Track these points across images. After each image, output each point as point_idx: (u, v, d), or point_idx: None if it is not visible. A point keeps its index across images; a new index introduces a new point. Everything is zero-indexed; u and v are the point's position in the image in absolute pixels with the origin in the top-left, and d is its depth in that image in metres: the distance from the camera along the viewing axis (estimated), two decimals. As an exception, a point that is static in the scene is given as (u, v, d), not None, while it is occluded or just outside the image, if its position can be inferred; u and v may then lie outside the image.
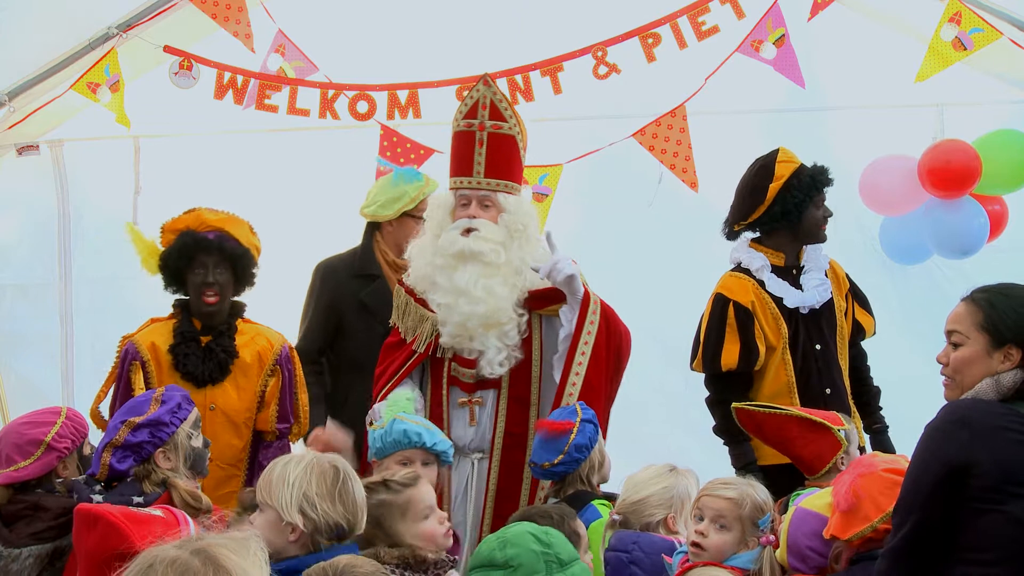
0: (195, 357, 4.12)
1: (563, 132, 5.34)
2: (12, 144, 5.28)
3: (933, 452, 2.60)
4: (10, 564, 3.21)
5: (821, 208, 4.35)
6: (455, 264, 3.88)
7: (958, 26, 4.74)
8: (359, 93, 5.11)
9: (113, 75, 4.97)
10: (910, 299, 5.10)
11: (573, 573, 2.57)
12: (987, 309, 2.71)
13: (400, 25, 5.26)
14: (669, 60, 5.01)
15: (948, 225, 4.82)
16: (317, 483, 2.65)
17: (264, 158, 5.33)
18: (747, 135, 5.31)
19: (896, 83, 5.07)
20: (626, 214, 5.40)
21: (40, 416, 3.51)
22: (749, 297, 4.30)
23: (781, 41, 4.90)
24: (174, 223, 4.20)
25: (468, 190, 3.94)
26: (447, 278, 3.89)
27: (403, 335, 4.04)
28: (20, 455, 3.37)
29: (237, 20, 5.02)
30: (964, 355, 2.73)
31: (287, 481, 2.65)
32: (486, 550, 2.53)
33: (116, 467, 3.28)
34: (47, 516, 3.30)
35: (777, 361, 4.30)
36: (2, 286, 5.30)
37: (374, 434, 3.61)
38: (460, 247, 3.86)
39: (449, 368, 3.97)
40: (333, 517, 2.63)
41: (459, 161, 3.98)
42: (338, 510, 2.64)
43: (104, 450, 3.29)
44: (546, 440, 3.60)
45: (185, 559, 1.76)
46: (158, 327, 4.21)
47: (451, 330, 3.89)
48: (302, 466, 2.69)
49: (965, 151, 4.74)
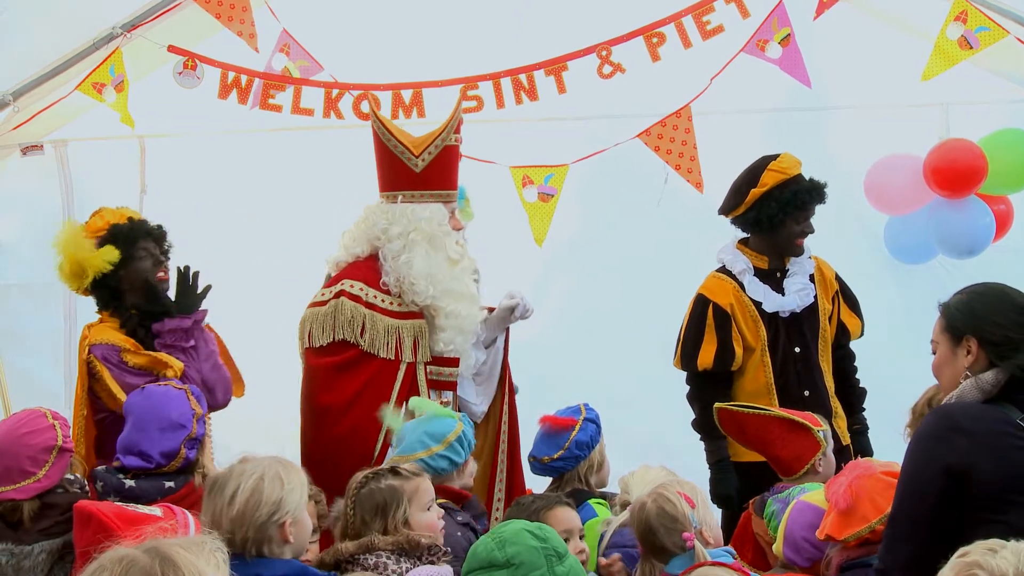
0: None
1: (568, 132, 5.35)
2: (17, 144, 5.28)
3: (930, 460, 2.57)
4: (22, 561, 3.23)
5: (802, 224, 4.36)
6: (466, 275, 4.07)
7: (964, 24, 4.72)
8: (363, 93, 5.11)
9: (118, 75, 4.97)
10: (913, 299, 5.07)
11: (571, 564, 2.59)
12: (945, 312, 2.78)
13: (404, 25, 5.26)
14: (674, 60, 5.00)
15: (953, 225, 4.81)
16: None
17: (268, 158, 5.33)
18: (752, 135, 5.31)
19: (902, 82, 5.06)
20: (631, 214, 5.40)
21: (30, 424, 3.42)
22: (728, 299, 4.38)
23: (787, 41, 4.89)
24: (89, 226, 4.13)
25: (453, 203, 4.15)
26: (464, 287, 4.04)
27: (368, 349, 3.98)
28: (34, 465, 3.34)
29: (241, 20, 5.01)
30: (936, 360, 2.79)
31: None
32: (484, 551, 2.54)
33: (190, 457, 3.46)
34: (54, 512, 3.32)
35: (756, 362, 4.36)
36: (7, 285, 5.30)
37: (433, 456, 3.51)
38: (469, 260, 4.11)
39: (427, 372, 4.02)
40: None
41: (448, 175, 4.15)
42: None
43: (181, 444, 3.44)
44: (548, 435, 3.62)
45: (134, 555, 1.78)
46: (103, 328, 4.11)
47: (452, 335, 3.99)
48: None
49: (970, 150, 4.72)
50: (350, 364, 3.98)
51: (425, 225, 4.03)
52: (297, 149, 5.31)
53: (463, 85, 4.99)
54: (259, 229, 5.34)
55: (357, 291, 4.03)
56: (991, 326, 2.68)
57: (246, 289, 5.27)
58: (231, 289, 4.93)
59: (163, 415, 3.48)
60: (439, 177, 4.09)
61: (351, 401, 3.93)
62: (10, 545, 3.25)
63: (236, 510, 2.59)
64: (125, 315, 4.11)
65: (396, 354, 3.99)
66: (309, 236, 5.14)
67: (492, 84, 5.03)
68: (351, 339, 3.98)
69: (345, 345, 3.98)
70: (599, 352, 5.40)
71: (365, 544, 2.83)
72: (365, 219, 4.16)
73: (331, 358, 3.97)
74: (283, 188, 5.34)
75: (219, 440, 4.41)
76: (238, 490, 2.61)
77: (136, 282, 4.13)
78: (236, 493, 2.61)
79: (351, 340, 3.98)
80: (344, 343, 3.98)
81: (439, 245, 4.03)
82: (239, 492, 2.60)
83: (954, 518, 2.50)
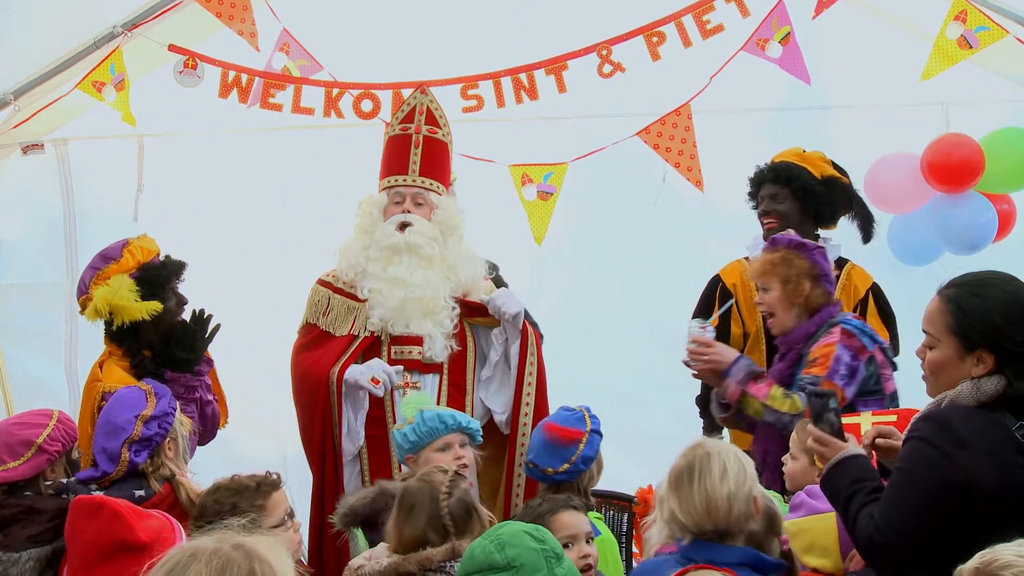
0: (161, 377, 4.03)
1: (567, 131, 5.34)
2: (17, 143, 5.28)
3: (931, 474, 2.50)
4: (10, 568, 3.18)
5: (761, 206, 4.50)
6: (390, 256, 4.10)
7: (964, 24, 4.71)
8: (363, 92, 5.11)
9: (118, 74, 4.97)
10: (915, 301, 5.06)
11: (568, 566, 2.57)
12: (956, 313, 2.58)
13: (404, 24, 5.26)
14: (674, 59, 5.00)
15: (955, 221, 4.81)
16: None
17: (268, 157, 5.33)
18: (752, 134, 5.31)
19: (901, 81, 5.05)
20: (630, 213, 5.40)
21: (32, 418, 3.47)
22: (733, 279, 4.46)
23: (787, 39, 4.89)
24: (123, 265, 4.04)
25: (403, 187, 4.18)
26: (380, 268, 4.10)
27: (326, 328, 4.18)
28: (10, 455, 3.33)
29: (242, 19, 5.02)
30: (937, 359, 2.63)
31: None
32: (482, 554, 2.48)
33: (134, 461, 3.31)
34: (42, 519, 3.28)
35: (754, 346, 4.35)
36: (8, 285, 5.29)
37: (402, 432, 3.65)
38: (395, 240, 4.10)
39: (390, 352, 4.09)
40: None
41: (394, 162, 4.22)
42: None
43: (122, 447, 3.30)
44: (552, 445, 3.57)
45: (227, 551, 1.77)
46: (113, 368, 4.03)
47: (381, 313, 4.08)
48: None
49: (966, 145, 4.72)
50: (312, 343, 4.18)
51: (362, 213, 4.23)
52: (297, 148, 5.30)
53: (463, 84, 4.99)
54: (258, 228, 5.34)
55: (329, 278, 4.28)
56: (1013, 344, 2.53)
57: (245, 288, 5.28)
58: (230, 288, 4.95)
59: (109, 419, 3.38)
60: (385, 166, 4.27)
61: (305, 370, 4.11)
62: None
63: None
64: (138, 356, 4.03)
65: (350, 331, 4.14)
66: (309, 235, 5.15)
67: (492, 83, 5.03)
68: (313, 320, 4.22)
69: (311, 327, 4.22)
70: (598, 350, 5.40)
71: (450, 551, 2.78)
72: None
73: (300, 339, 4.24)
74: (283, 187, 5.34)
75: (221, 435, 4.44)
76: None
77: (163, 325, 4.08)
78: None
79: (313, 321, 4.22)
80: (310, 325, 4.23)
81: (369, 230, 4.17)
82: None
83: (954, 537, 2.43)
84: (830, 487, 2.71)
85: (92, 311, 4.02)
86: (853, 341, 3.82)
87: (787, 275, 3.93)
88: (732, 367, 3.94)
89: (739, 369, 3.94)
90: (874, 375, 3.84)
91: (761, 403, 3.86)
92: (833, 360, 3.79)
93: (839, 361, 3.79)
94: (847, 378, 3.78)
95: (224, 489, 2.96)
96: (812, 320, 3.93)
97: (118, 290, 3.98)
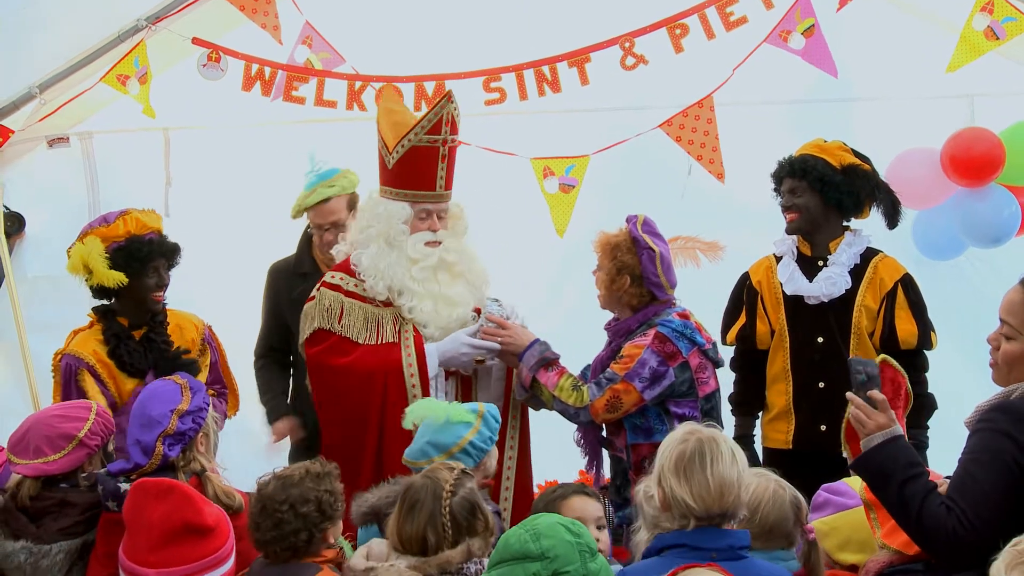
0: (137, 353, 4.10)
1: (590, 123, 5.34)
2: (43, 136, 5.33)
3: (1016, 465, 2.49)
4: (40, 560, 3.21)
5: (782, 199, 4.42)
6: (432, 276, 4.03)
7: (990, 15, 4.68)
8: (386, 85, 5.11)
9: (142, 67, 5.00)
10: (940, 295, 5.04)
11: (601, 562, 2.59)
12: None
13: (427, 16, 5.27)
14: (697, 51, 4.98)
15: (978, 215, 4.79)
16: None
17: (291, 150, 5.34)
18: (775, 126, 5.29)
19: (926, 73, 5.03)
20: (652, 205, 5.32)
21: (72, 410, 3.49)
22: (759, 276, 4.43)
23: (810, 31, 4.86)
24: (111, 230, 4.07)
25: (431, 204, 4.06)
26: (424, 287, 4.01)
27: (344, 334, 4.01)
28: (50, 448, 3.34)
29: (265, 12, 5.04)
30: (1015, 351, 2.61)
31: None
32: (517, 543, 2.51)
33: (168, 454, 3.30)
34: (74, 512, 3.32)
35: (779, 345, 4.35)
36: (34, 278, 5.33)
37: (483, 438, 3.50)
38: (434, 261, 4.02)
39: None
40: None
41: (420, 175, 4.03)
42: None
43: (157, 440, 3.29)
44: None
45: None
46: (85, 336, 4.13)
47: (433, 332, 4.01)
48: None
49: (987, 138, 4.70)
50: (336, 347, 4.02)
51: (381, 222, 4.04)
52: (320, 141, 5.31)
53: (485, 77, 4.99)
54: (283, 221, 5.35)
55: (337, 281, 4.09)
56: None
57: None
58: (255, 281, 4.97)
59: (144, 412, 3.36)
60: (407, 176, 4.04)
61: (348, 365, 3.98)
62: (29, 543, 3.23)
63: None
64: (112, 325, 4.10)
65: (378, 340, 4.01)
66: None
67: (515, 76, 5.03)
68: (326, 326, 4.03)
69: (326, 333, 4.04)
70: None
71: (466, 551, 2.79)
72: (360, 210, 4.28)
73: (317, 347, 4.04)
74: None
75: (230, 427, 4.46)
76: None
77: (134, 299, 4.13)
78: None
79: (326, 327, 4.03)
80: (323, 331, 4.04)
81: (395, 243, 4.02)
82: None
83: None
84: (877, 463, 2.68)
85: (70, 264, 4.11)
86: (665, 346, 3.87)
87: (611, 264, 3.99)
88: (525, 352, 3.99)
89: (531, 355, 3.97)
90: (687, 380, 3.89)
91: (550, 392, 3.91)
92: (636, 363, 3.85)
93: (643, 365, 3.85)
94: (647, 381, 3.84)
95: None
96: (635, 316, 3.99)
97: (91, 251, 4.03)
